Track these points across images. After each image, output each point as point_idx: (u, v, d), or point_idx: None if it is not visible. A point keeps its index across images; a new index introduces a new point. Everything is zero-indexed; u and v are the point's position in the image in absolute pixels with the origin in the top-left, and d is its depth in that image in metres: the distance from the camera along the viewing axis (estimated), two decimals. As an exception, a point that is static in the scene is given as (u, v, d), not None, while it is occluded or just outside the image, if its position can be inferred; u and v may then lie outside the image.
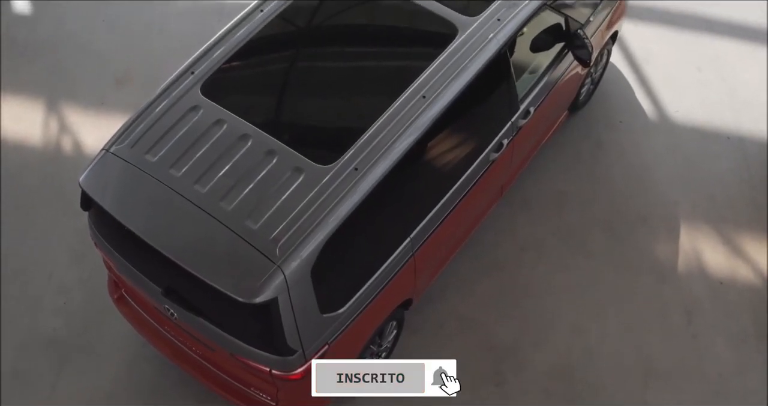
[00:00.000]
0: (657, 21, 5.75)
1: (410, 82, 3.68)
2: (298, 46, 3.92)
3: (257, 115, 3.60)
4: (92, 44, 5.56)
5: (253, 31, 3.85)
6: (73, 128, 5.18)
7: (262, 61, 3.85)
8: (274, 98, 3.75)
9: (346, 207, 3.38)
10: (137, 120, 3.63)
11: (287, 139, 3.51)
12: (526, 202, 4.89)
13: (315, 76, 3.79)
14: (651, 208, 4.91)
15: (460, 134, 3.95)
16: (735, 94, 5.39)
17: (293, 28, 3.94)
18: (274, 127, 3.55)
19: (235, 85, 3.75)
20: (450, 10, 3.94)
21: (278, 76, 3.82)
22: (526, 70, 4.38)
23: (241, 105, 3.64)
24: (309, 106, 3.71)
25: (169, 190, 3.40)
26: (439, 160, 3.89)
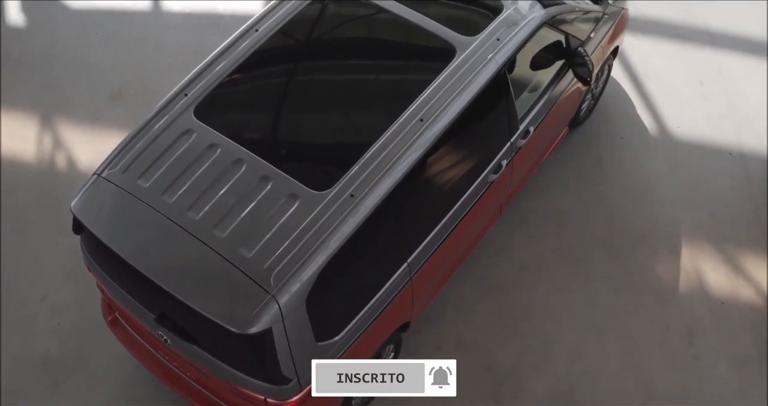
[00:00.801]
0: (659, 34, 5.69)
1: (407, 105, 3.61)
2: (292, 68, 3.85)
3: (251, 139, 3.54)
4: (87, 58, 5.51)
5: (247, 52, 3.79)
6: (68, 145, 5.13)
7: (256, 83, 3.79)
8: (269, 121, 3.69)
9: (342, 234, 3.32)
10: (130, 143, 3.57)
11: (282, 164, 3.44)
12: (525, 220, 4.83)
13: (310, 99, 3.72)
14: (652, 226, 4.85)
15: (458, 156, 3.88)
16: (737, 109, 5.32)
17: (288, 49, 3.88)
18: (268, 152, 3.49)
19: (228, 107, 3.69)
20: (448, 29, 3.87)
21: (273, 98, 3.75)
22: (525, 89, 4.31)
23: (234, 128, 3.58)
24: (304, 130, 3.65)
25: (162, 217, 3.34)
26: (437, 183, 3.82)
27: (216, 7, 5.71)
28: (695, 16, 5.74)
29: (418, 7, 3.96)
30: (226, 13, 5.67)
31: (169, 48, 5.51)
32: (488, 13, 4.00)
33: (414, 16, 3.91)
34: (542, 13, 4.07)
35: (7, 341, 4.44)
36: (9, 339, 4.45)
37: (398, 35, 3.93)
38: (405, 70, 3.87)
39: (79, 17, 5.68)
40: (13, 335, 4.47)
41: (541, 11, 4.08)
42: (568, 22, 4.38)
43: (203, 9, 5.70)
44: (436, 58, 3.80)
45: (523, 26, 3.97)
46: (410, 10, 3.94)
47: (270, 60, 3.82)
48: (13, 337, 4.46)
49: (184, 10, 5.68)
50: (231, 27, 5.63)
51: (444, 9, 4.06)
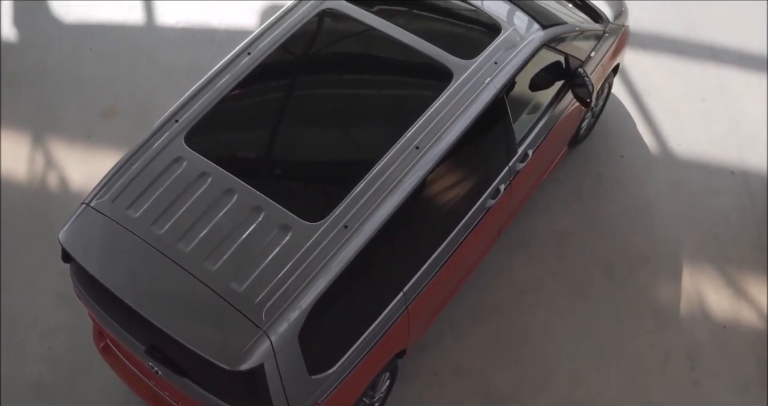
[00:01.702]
0: (660, 49, 5.60)
1: (402, 132, 3.53)
2: (286, 94, 3.75)
3: (243, 168, 3.46)
4: (80, 74, 5.42)
5: (239, 77, 3.70)
6: (60, 163, 5.04)
7: (248, 108, 3.69)
8: (261, 149, 3.60)
9: (336, 267, 3.24)
10: (119, 171, 3.49)
11: (274, 193, 3.36)
12: (524, 241, 4.75)
13: (303, 126, 3.63)
14: (653, 247, 4.77)
15: (455, 182, 3.80)
16: (739, 127, 5.24)
17: (281, 74, 3.79)
18: (260, 181, 3.41)
19: (220, 134, 3.60)
20: (444, 52, 3.79)
21: (265, 125, 3.65)
22: (524, 110, 4.21)
23: (226, 156, 3.50)
24: (297, 158, 3.56)
25: (151, 249, 3.26)
26: (433, 210, 3.74)
27: (210, 21, 5.63)
28: (697, 31, 5.65)
29: (414, 29, 3.88)
30: (221, 27, 5.59)
31: (162, 63, 5.43)
32: (486, 35, 3.92)
33: (410, 38, 3.82)
34: (541, 34, 4.00)
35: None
36: (0, 363, 4.40)
37: (394, 59, 3.84)
38: (400, 95, 3.77)
39: (71, 32, 5.60)
40: (5, 358, 4.40)
41: (540, 32, 4.00)
42: (567, 41, 4.31)
43: (198, 24, 5.62)
44: (433, 83, 3.72)
45: (522, 48, 3.88)
46: (406, 32, 3.85)
47: (262, 85, 3.73)
48: (4, 361, 4.39)
49: (178, 24, 5.61)
50: (225, 42, 5.61)
51: (441, 31, 3.98)
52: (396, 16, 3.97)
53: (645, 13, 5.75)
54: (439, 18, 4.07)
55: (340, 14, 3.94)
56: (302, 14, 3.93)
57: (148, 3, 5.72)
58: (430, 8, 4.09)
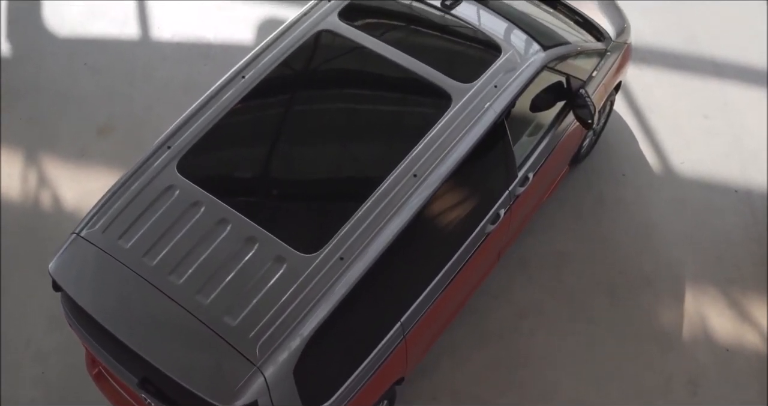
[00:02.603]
0: (662, 64, 5.52)
1: (400, 159, 3.45)
2: (280, 120, 3.66)
3: (236, 197, 3.39)
4: (74, 90, 5.34)
5: (233, 102, 3.62)
6: (53, 182, 4.96)
7: (241, 135, 3.60)
8: (255, 177, 3.51)
9: (332, 300, 3.17)
10: (110, 200, 3.42)
11: (268, 224, 3.29)
12: (524, 263, 4.68)
13: (298, 154, 3.55)
14: (655, 269, 4.69)
15: (454, 207, 3.71)
16: (742, 144, 5.15)
17: (275, 99, 3.70)
18: (254, 211, 3.33)
19: (213, 162, 3.52)
20: (443, 76, 3.70)
21: (259, 152, 3.57)
22: (524, 132, 4.13)
23: (219, 185, 3.43)
24: (292, 186, 3.48)
25: (143, 281, 3.19)
26: (431, 237, 3.65)
27: (206, 35, 5.54)
28: (699, 44, 5.57)
29: (412, 51, 3.79)
30: (217, 42, 5.51)
31: (157, 79, 5.35)
32: (486, 56, 3.83)
33: (408, 61, 3.73)
34: (542, 56, 3.91)
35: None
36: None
37: (392, 83, 3.75)
38: (398, 120, 3.68)
39: (66, 47, 5.52)
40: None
41: (541, 54, 3.91)
42: (568, 61, 4.23)
43: (193, 38, 5.53)
44: (431, 107, 3.63)
45: (523, 71, 3.80)
46: (404, 54, 3.76)
47: (256, 110, 3.65)
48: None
49: (174, 39, 5.52)
50: (221, 57, 5.54)
51: (440, 52, 3.88)
52: (394, 36, 3.89)
53: (646, 26, 5.66)
54: (438, 39, 3.98)
55: (336, 36, 3.85)
56: (298, 36, 3.85)
57: (143, 17, 5.64)
58: (429, 28, 4.00)
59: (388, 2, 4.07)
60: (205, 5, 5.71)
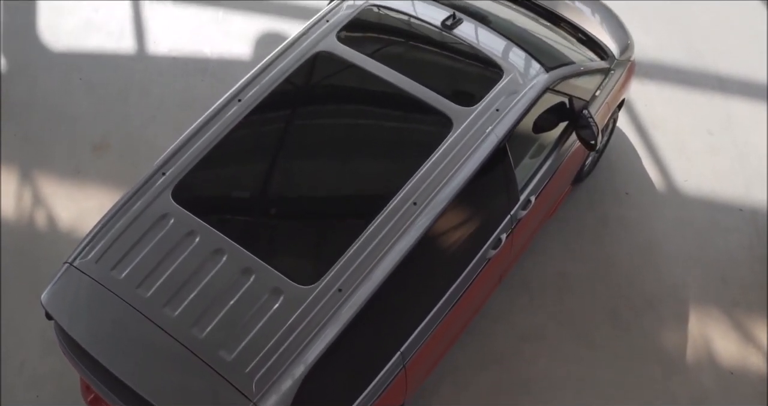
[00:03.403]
0: (665, 79, 5.44)
1: (399, 187, 3.38)
2: (276, 146, 3.57)
3: (233, 226, 3.31)
4: (68, 106, 5.25)
5: (228, 127, 3.55)
6: (48, 200, 4.89)
7: (237, 161, 3.51)
8: (251, 206, 3.41)
9: (330, 333, 3.09)
10: (104, 228, 3.35)
11: (265, 254, 3.22)
12: (525, 285, 4.60)
13: (296, 181, 3.46)
14: (658, 290, 4.62)
15: (454, 233, 3.63)
16: (747, 161, 5.09)
17: (272, 124, 3.61)
18: (250, 240, 3.26)
19: (208, 189, 3.43)
20: (444, 99, 3.63)
21: (255, 179, 3.47)
22: (526, 154, 4.03)
23: (214, 213, 3.35)
24: (289, 215, 3.39)
25: (137, 314, 3.13)
26: (431, 265, 3.56)
27: (203, 50, 5.47)
28: (703, 59, 5.49)
29: (412, 73, 3.72)
30: (214, 57, 5.43)
31: (154, 95, 5.27)
32: (487, 79, 3.76)
33: (408, 84, 3.66)
34: (545, 77, 3.83)
35: (-17, 414, 4.29)
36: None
37: (391, 107, 3.66)
38: (397, 147, 3.58)
39: (60, 62, 5.43)
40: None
41: (544, 75, 3.84)
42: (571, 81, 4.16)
43: (190, 53, 5.45)
44: (431, 132, 3.56)
45: (525, 94, 3.73)
46: (404, 76, 3.69)
47: (252, 135, 3.56)
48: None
49: (170, 53, 5.45)
50: (219, 72, 5.46)
51: (440, 74, 3.79)
52: (393, 58, 3.81)
53: (649, 39, 5.60)
54: (439, 60, 3.88)
55: (334, 58, 3.78)
56: (295, 58, 3.78)
57: (139, 31, 5.57)
58: (430, 49, 3.91)
59: (387, 22, 3.99)
60: (202, 19, 5.63)
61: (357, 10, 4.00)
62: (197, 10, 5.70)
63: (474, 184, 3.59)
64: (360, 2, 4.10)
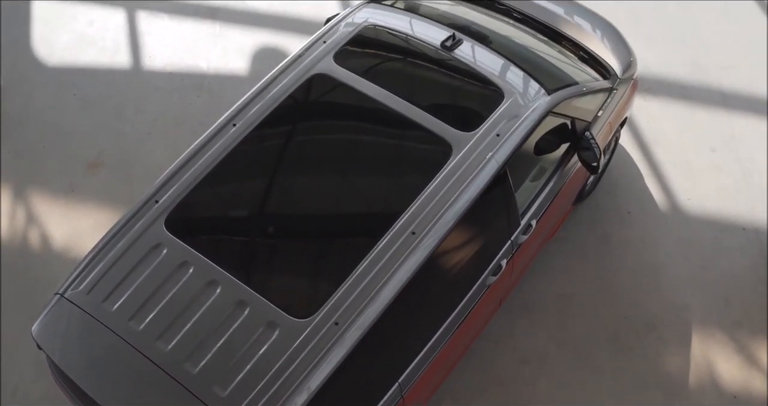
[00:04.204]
0: (668, 94, 5.37)
1: (397, 216, 3.30)
2: (272, 173, 3.48)
3: (227, 256, 3.23)
4: (63, 122, 5.19)
5: (224, 152, 3.48)
6: (42, 219, 4.82)
7: (232, 189, 3.44)
8: (246, 236, 3.34)
9: (326, 368, 3.01)
10: (96, 257, 3.28)
11: (259, 286, 3.15)
12: (526, 306, 4.54)
13: (291, 210, 3.38)
14: (661, 312, 4.55)
15: (453, 261, 3.55)
16: (751, 179, 5.01)
17: (267, 150, 3.52)
18: (245, 272, 3.19)
19: (202, 217, 3.36)
20: (443, 123, 3.55)
21: (250, 208, 3.39)
22: (527, 177, 3.96)
23: (208, 243, 3.27)
24: (284, 245, 3.30)
25: (129, 347, 3.06)
26: (430, 293, 3.49)
27: (199, 65, 5.40)
28: (707, 75, 5.42)
29: (410, 96, 3.65)
30: (210, 72, 5.36)
31: (149, 112, 5.20)
32: (488, 103, 3.68)
33: (406, 108, 3.59)
34: (547, 100, 3.75)
35: (-25, 440, 4.22)
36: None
37: (389, 132, 3.58)
38: (395, 174, 3.49)
39: (55, 77, 5.36)
40: (-18, 432, 4.25)
41: (545, 98, 3.76)
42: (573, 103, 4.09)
43: (186, 68, 5.38)
44: (430, 159, 3.48)
45: (527, 118, 3.65)
46: (402, 100, 3.62)
47: (248, 161, 3.49)
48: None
49: (166, 68, 5.37)
50: (215, 88, 5.39)
51: (439, 98, 3.71)
52: (391, 80, 3.73)
53: (652, 54, 5.52)
54: (438, 83, 3.79)
55: (330, 80, 3.70)
56: (291, 80, 3.71)
57: (134, 45, 5.50)
58: (429, 72, 3.82)
59: (385, 43, 3.91)
60: (198, 33, 5.57)
61: (355, 31, 3.93)
62: (194, 23, 5.63)
63: (474, 211, 3.53)
64: (358, 21, 4.05)
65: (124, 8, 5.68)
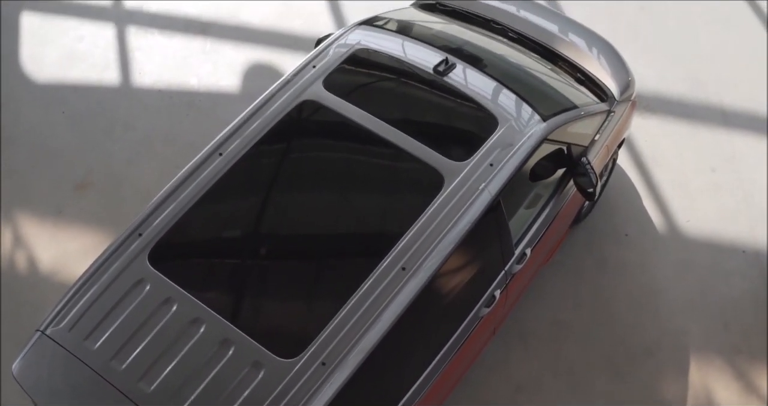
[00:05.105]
0: (668, 112, 5.27)
1: (387, 251, 3.21)
2: (259, 204, 3.38)
3: (211, 293, 3.15)
4: (51, 141, 5.09)
5: (209, 183, 3.39)
6: (29, 241, 4.73)
7: (217, 221, 3.34)
8: (231, 271, 3.24)
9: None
10: (78, 293, 3.19)
11: (245, 324, 3.07)
12: (521, 332, 4.45)
13: (278, 245, 3.28)
14: (658, 338, 4.46)
15: (445, 294, 3.46)
16: (751, 200, 4.91)
17: (254, 181, 3.42)
18: (229, 310, 3.10)
19: (187, 252, 3.27)
20: (435, 152, 3.46)
21: (237, 242, 3.30)
22: (521, 205, 3.85)
23: (193, 279, 3.18)
24: (271, 281, 3.21)
25: (111, 388, 2.98)
26: (421, 328, 3.39)
27: (189, 82, 5.29)
28: (707, 92, 5.31)
29: (401, 123, 3.55)
30: (201, 89, 5.26)
31: (138, 130, 5.10)
32: (481, 130, 3.58)
33: (397, 136, 3.49)
34: (542, 126, 3.66)
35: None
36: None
37: (379, 162, 3.48)
38: (384, 206, 3.39)
39: (44, 94, 5.26)
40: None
41: (541, 125, 3.66)
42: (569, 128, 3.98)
43: (176, 85, 5.28)
44: (421, 190, 3.38)
45: (521, 146, 3.55)
46: (392, 128, 3.52)
47: (234, 192, 3.39)
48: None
49: (156, 85, 5.28)
50: (205, 106, 5.29)
51: (431, 126, 3.61)
52: (382, 107, 3.63)
53: (651, 71, 5.41)
54: (430, 109, 3.69)
55: (320, 107, 3.61)
56: (279, 107, 3.61)
57: (124, 61, 5.41)
58: (420, 98, 3.72)
59: (376, 68, 3.81)
60: (189, 49, 5.47)
61: (345, 55, 3.83)
62: (184, 39, 5.53)
63: (466, 242, 3.42)
64: (350, 43, 3.94)
65: (114, 23, 5.59)
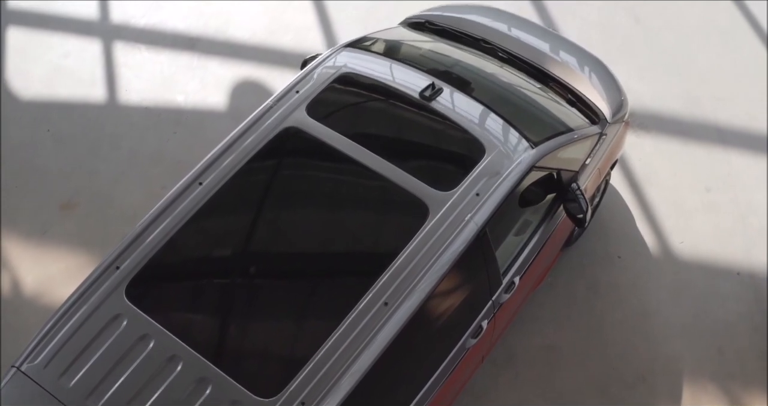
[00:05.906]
0: (662, 130, 5.18)
1: (369, 285, 3.12)
2: (239, 236, 3.30)
3: (189, 330, 3.06)
4: (36, 160, 5.01)
5: (188, 214, 3.30)
6: (12, 263, 4.65)
7: (195, 255, 3.26)
8: (210, 306, 3.16)
9: (291, 451, 2.91)
10: (54, 328, 3.10)
11: (222, 362, 2.98)
12: (510, 358, 4.37)
13: (258, 280, 3.20)
14: (651, 363, 4.38)
15: (430, 327, 3.36)
16: (747, 221, 4.83)
17: (234, 212, 3.34)
18: (207, 347, 3.02)
19: (164, 286, 3.19)
20: (420, 182, 3.37)
21: (216, 275, 3.21)
22: (509, 232, 3.77)
23: (170, 314, 3.10)
24: (250, 318, 3.13)
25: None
26: (405, 362, 3.30)
27: (176, 99, 5.21)
28: (703, 109, 5.22)
29: (386, 151, 3.46)
30: (188, 107, 5.18)
31: (124, 149, 5.03)
32: (468, 159, 3.49)
33: (381, 165, 3.40)
34: (531, 154, 3.57)
35: None
36: None
37: (362, 192, 3.39)
38: (367, 239, 3.30)
39: (29, 111, 5.18)
40: None
41: (529, 152, 3.57)
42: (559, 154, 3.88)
43: (163, 102, 5.20)
44: (405, 221, 3.29)
45: (508, 175, 3.45)
46: (377, 157, 3.43)
47: (214, 224, 3.30)
48: None
49: (142, 103, 5.20)
50: (192, 123, 5.22)
51: (416, 154, 3.52)
52: (366, 134, 3.54)
53: (645, 87, 5.32)
54: (415, 136, 3.60)
55: (302, 135, 3.51)
56: (261, 135, 3.52)
57: (110, 78, 5.33)
58: (405, 125, 3.63)
59: (360, 94, 3.72)
60: (176, 65, 5.38)
61: (329, 80, 3.74)
62: (172, 55, 5.45)
63: (450, 278, 3.32)
64: (336, 66, 3.85)
65: (100, 39, 5.51)
